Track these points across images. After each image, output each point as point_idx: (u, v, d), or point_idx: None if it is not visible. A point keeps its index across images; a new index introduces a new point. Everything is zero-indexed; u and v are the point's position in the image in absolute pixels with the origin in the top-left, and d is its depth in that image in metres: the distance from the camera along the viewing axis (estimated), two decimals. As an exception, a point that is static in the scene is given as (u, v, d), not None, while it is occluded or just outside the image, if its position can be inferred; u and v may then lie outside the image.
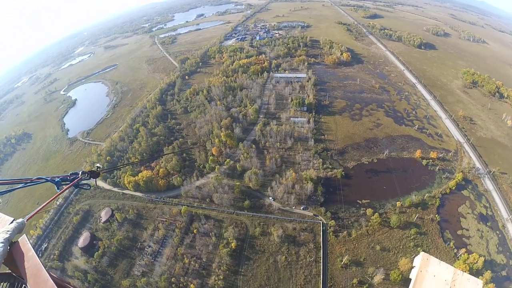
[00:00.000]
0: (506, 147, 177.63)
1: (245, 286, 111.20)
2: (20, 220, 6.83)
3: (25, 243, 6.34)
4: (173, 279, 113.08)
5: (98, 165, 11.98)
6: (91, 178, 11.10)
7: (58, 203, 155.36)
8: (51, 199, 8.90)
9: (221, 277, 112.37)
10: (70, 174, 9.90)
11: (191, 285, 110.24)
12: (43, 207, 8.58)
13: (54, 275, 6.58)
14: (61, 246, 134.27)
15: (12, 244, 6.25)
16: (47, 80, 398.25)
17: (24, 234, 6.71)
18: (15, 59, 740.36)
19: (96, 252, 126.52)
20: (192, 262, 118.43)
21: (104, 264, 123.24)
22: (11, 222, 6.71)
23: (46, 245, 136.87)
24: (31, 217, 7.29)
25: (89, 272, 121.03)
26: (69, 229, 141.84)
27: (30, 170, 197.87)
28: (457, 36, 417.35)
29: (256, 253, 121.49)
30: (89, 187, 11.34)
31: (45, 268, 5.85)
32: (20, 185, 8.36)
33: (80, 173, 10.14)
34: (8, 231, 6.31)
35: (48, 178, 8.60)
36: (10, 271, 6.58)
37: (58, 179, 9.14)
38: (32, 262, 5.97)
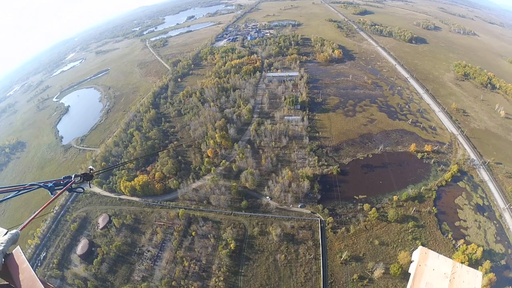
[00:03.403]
0: (500, 137, 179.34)
1: (245, 286, 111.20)
2: (14, 231, 6.76)
3: (19, 255, 6.27)
4: (173, 283, 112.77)
5: (90, 167, 11.82)
6: (85, 181, 10.99)
7: (54, 211, 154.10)
8: (44, 205, 8.81)
9: (222, 279, 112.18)
10: (63, 178, 9.80)
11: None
12: (36, 214, 8.51)
13: (50, 284, 6.51)
14: (59, 254, 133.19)
15: (6, 256, 6.19)
16: (39, 88, 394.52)
17: (18, 246, 6.63)
18: (10, 64, 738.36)
19: (95, 259, 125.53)
20: (192, 265, 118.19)
21: (104, 271, 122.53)
22: (5, 234, 6.63)
23: (44, 254, 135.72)
24: (25, 226, 7.22)
25: (89, 279, 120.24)
26: (67, 237, 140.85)
27: (25, 180, 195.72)
28: (447, 29, 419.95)
29: (255, 253, 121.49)
30: (82, 190, 11.24)
31: (44, 277, 5.80)
32: (14, 193, 8.29)
33: (73, 176, 10.03)
34: (2, 243, 6.23)
35: (41, 184, 8.56)
36: (7, 283, 6.50)
37: (51, 184, 9.06)
38: (26, 274, 5.91)
